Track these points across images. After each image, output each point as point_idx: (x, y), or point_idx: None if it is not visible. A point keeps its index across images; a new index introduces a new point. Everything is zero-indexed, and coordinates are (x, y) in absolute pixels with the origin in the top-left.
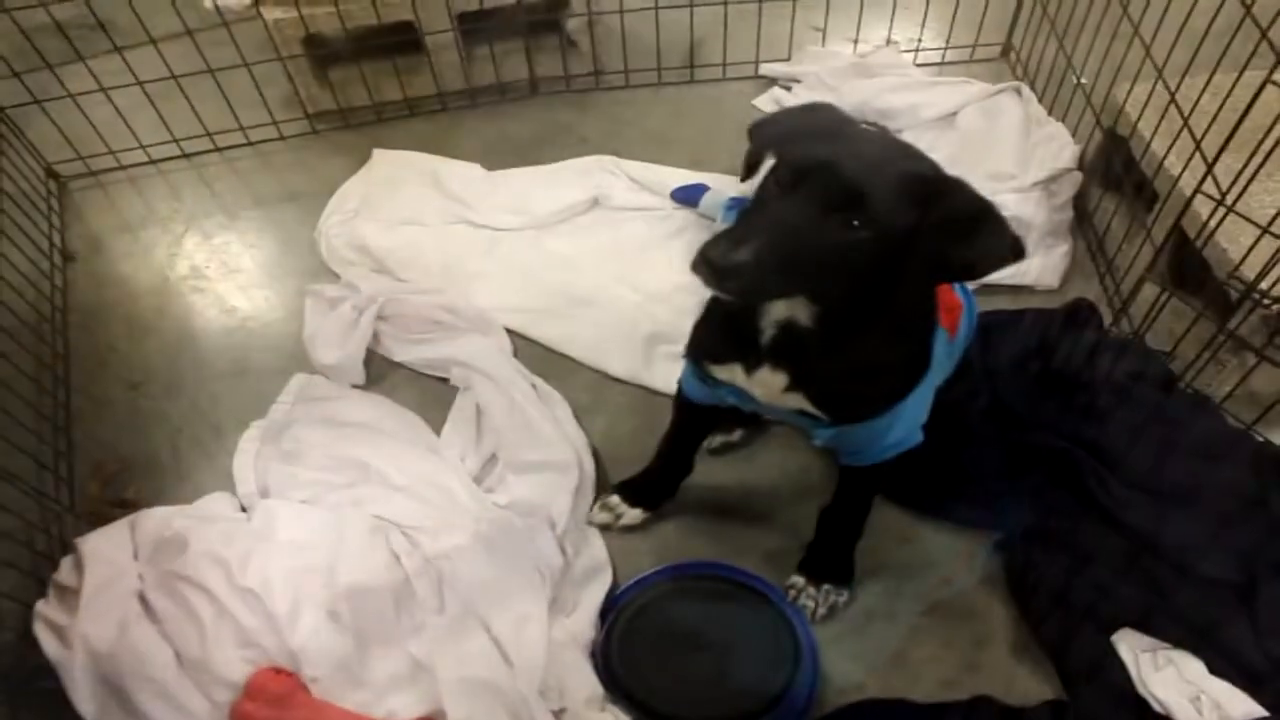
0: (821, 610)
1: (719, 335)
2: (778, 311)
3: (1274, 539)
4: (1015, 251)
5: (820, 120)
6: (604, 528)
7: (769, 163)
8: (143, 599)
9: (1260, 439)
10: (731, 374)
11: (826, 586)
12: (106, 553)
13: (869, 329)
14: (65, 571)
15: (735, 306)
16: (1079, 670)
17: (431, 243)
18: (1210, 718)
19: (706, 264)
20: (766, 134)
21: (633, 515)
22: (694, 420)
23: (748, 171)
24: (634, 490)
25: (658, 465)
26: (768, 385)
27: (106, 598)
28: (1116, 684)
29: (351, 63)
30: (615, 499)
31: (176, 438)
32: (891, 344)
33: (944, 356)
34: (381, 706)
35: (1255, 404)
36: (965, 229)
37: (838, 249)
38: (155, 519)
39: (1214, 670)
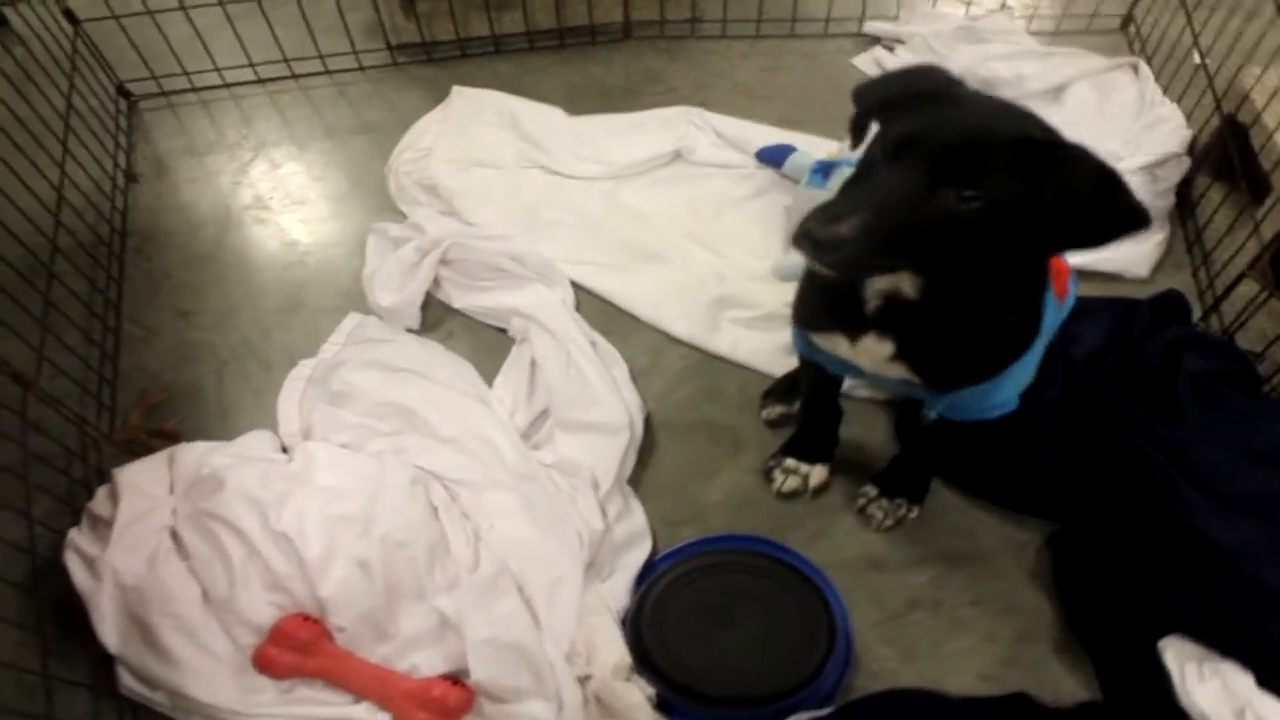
0: (888, 521)
1: (821, 304)
2: (881, 283)
3: None
4: (1139, 220)
5: (927, 83)
6: (794, 495)
7: (875, 128)
8: (174, 534)
9: None
10: (833, 343)
11: (900, 499)
12: (143, 485)
13: (979, 299)
14: (100, 501)
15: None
16: (1120, 674)
17: (503, 186)
18: None
19: (808, 237)
20: (872, 98)
21: (819, 472)
22: (822, 373)
23: (856, 138)
24: (804, 448)
25: (807, 418)
26: (872, 354)
27: (138, 531)
28: (1158, 692)
29: None
30: (791, 461)
31: (223, 370)
32: (1002, 313)
33: (1052, 322)
34: (405, 660)
35: None
36: (1086, 198)
37: (947, 222)
38: (194, 453)
39: (1263, 684)
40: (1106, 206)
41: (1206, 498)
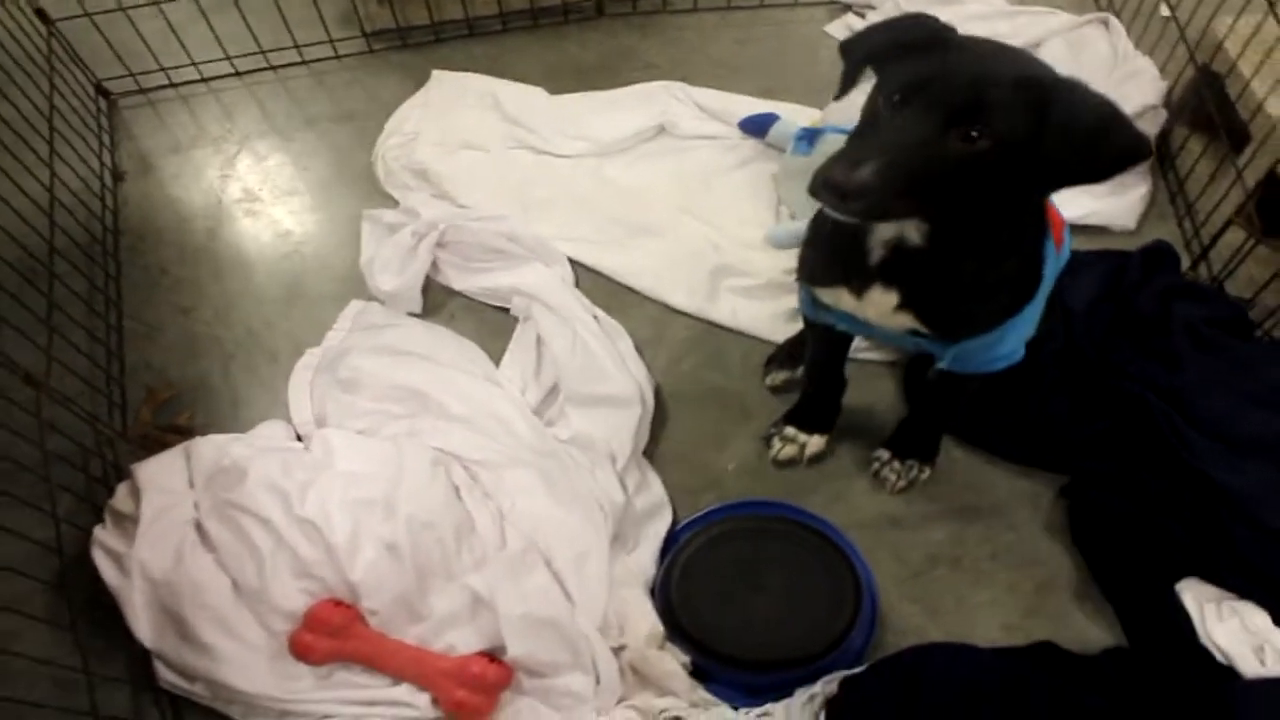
0: (901, 483)
1: (826, 258)
2: (886, 231)
3: None
4: (1141, 150)
5: (920, 31)
6: (790, 462)
7: (867, 80)
8: (199, 527)
9: None
10: (837, 298)
11: (911, 461)
12: (163, 480)
13: (982, 244)
14: (121, 498)
15: (843, 228)
16: (1141, 618)
17: (492, 168)
18: (1274, 667)
19: (828, 187)
20: (862, 49)
21: (816, 442)
22: (829, 336)
23: (845, 88)
24: (804, 417)
25: (811, 386)
26: (879, 305)
27: (163, 525)
28: (1180, 633)
29: None
30: (791, 429)
31: (229, 363)
32: (1005, 259)
33: (1052, 272)
34: (440, 640)
35: None
36: (1089, 131)
37: (960, 162)
38: (211, 446)
39: (1279, 622)
40: (1108, 137)
41: (1211, 443)
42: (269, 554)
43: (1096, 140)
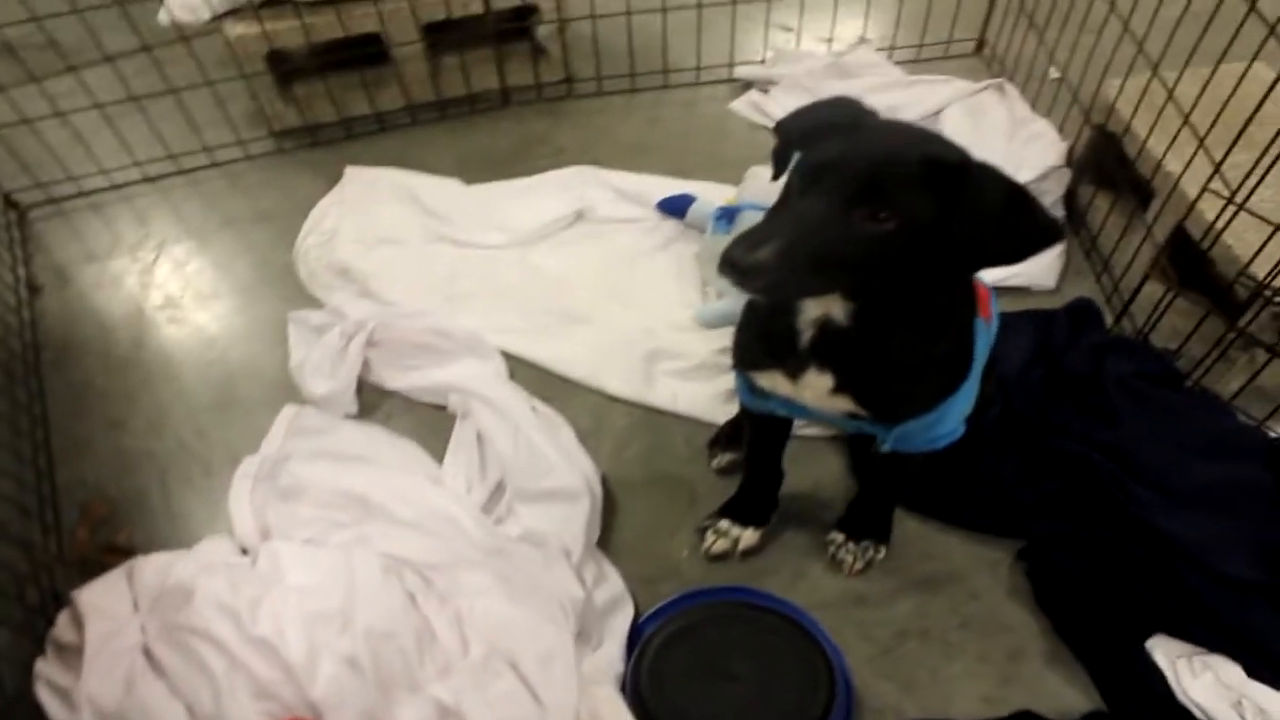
0: (859, 564)
1: (759, 343)
2: (813, 310)
3: None
4: (1052, 234)
5: (841, 114)
6: (722, 557)
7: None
8: (148, 653)
9: (1274, 435)
10: (773, 381)
11: (866, 542)
12: (105, 605)
13: (910, 323)
14: (63, 627)
15: (769, 309)
16: (1116, 679)
17: (414, 263)
18: None
19: (729, 264)
20: (790, 130)
21: (750, 536)
22: (767, 426)
23: (778, 169)
24: (739, 510)
25: (748, 479)
26: (815, 389)
27: (110, 654)
28: (1156, 693)
29: (317, 77)
30: (725, 523)
31: (165, 477)
32: (935, 338)
33: (984, 345)
34: None
35: (1263, 399)
36: (997, 214)
37: (864, 242)
38: (153, 566)
39: (1253, 674)
40: (1018, 222)
41: (1158, 495)
42: (224, 677)
43: (1006, 223)
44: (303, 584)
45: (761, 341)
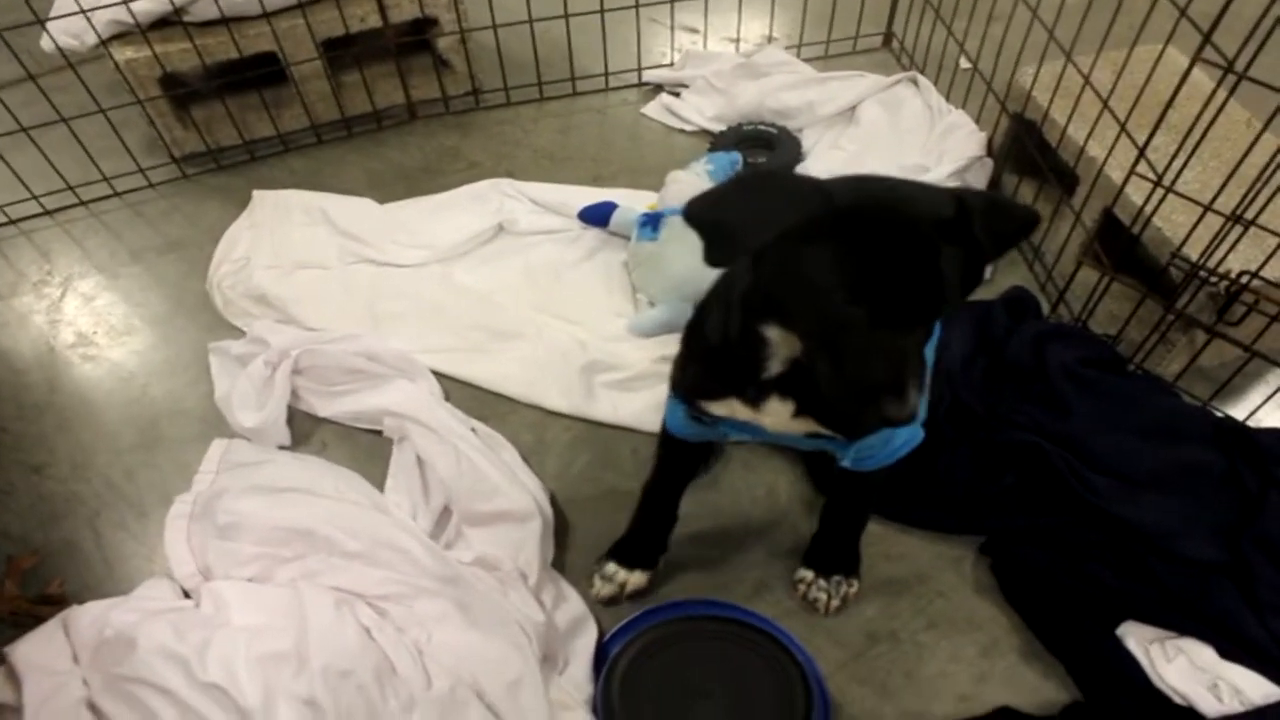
0: (835, 601)
1: (711, 374)
2: (784, 350)
3: (1253, 514)
4: (1034, 217)
5: (796, 210)
6: (611, 601)
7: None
8: (92, 708)
9: (1219, 414)
10: (730, 409)
11: (837, 578)
12: (42, 660)
13: None
14: None
15: (724, 345)
16: (1091, 669)
17: (335, 286)
18: (1232, 704)
19: (892, 424)
20: (743, 242)
21: (637, 579)
22: (683, 460)
23: (721, 262)
24: (627, 553)
25: (641, 519)
26: (777, 414)
27: (51, 711)
28: (1132, 680)
29: (215, 99)
30: (611, 566)
31: (95, 521)
32: None
33: (931, 344)
34: None
35: (1204, 379)
36: (994, 224)
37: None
38: (90, 615)
39: (1224, 654)
40: (1009, 220)
41: (1114, 482)
42: None
43: (1003, 228)
44: (251, 624)
45: (715, 375)
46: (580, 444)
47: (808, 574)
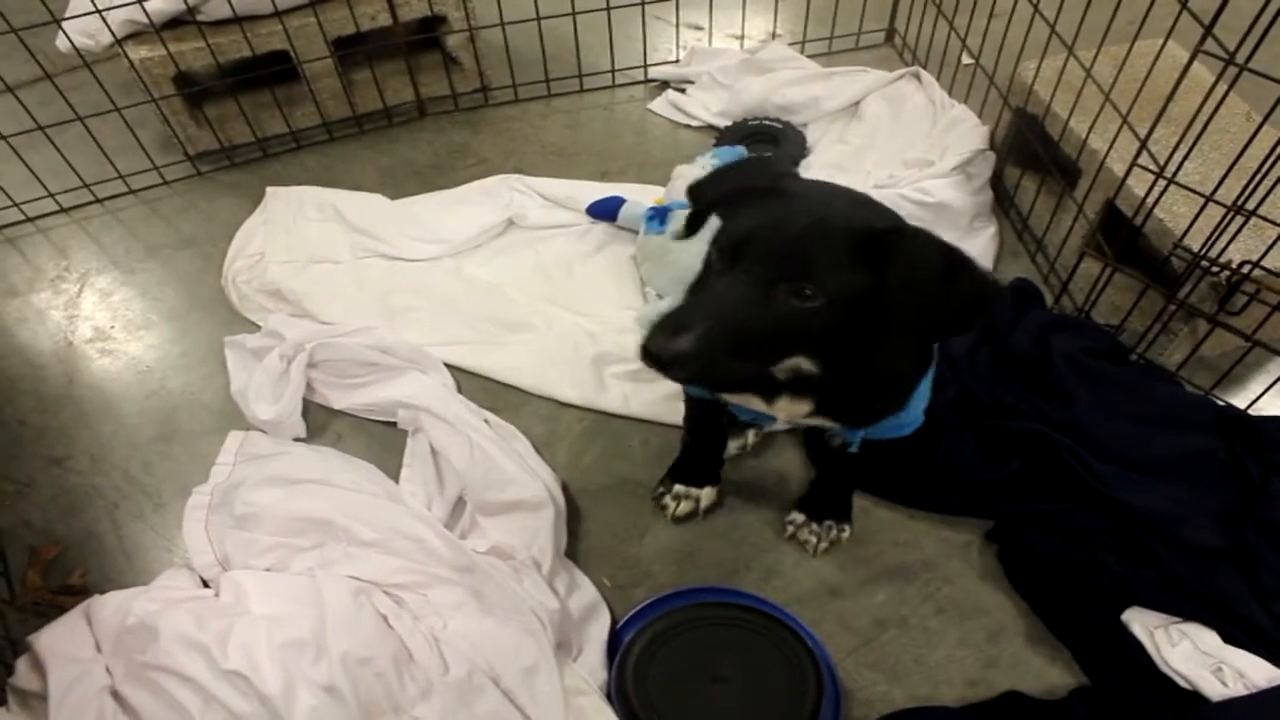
0: (823, 544)
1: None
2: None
3: (1255, 501)
4: (994, 293)
5: (760, 178)
6: (688, 517)
7: (714, 223)
8: (116, 695)
9: (1221, 403)
10: (746, 400)
11: (829, 522)
12: (66, 649)
13: (878, 363)
14: (23, 674)
15: None
16: (1097, 654)
17: (348, 280)
18: (1236, 687)
19: (649, 354)
20: (708, 195)
21: (709, 494)
22: (712, 407)
23: (691, 230)
24: (690, 473)
25: (694, 446)
26: (789, 410)
27: (76, 698)
28: (1138, 664)
29: (228, 98)
30: (681, 487)
31: (114, 512)
32: (905, 355)
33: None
34: None
35: (1205, 368)
36: (933, 280)
37: (790, 321)
38: (112, 605)
39: (1228, 639)
40: (956, 286)
41: (1119, 469)
42: (198, 714)
43: (944, 288)
44: (270, 613)
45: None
46: (592, 434)
47: (799, 516)
